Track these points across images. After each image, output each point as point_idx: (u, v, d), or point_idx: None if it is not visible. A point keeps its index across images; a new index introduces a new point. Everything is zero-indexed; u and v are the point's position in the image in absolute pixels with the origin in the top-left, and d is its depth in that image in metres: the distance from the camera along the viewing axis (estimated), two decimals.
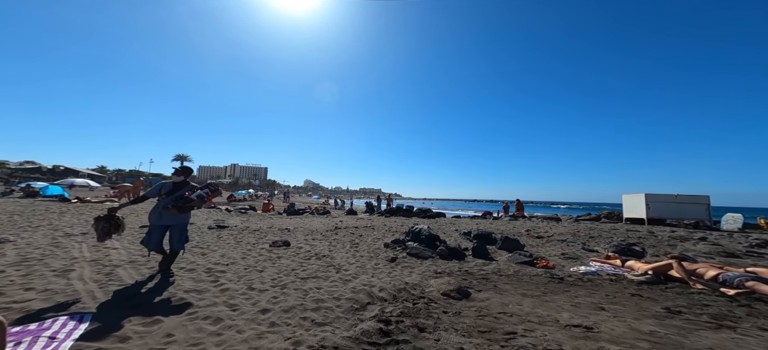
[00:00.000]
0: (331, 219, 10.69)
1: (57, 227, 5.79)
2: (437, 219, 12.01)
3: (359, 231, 7.56)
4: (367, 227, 8.29)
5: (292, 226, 7.95)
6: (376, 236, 6.86)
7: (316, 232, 7.08)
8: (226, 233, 6.22)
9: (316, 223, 9.05)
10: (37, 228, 5.49)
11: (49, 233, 5.09)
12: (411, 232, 6.16)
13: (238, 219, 8.88)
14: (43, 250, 3.90)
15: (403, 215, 12.57)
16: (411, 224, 9.70)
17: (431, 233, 5.84)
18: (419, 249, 5.17)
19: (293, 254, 4.84)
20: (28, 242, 4.26)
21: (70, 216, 7.28)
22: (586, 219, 13.26)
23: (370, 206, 16.92)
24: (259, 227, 7.35)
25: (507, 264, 4.80)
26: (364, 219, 11.11)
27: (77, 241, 4.60)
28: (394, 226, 8.95)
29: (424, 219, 11.78)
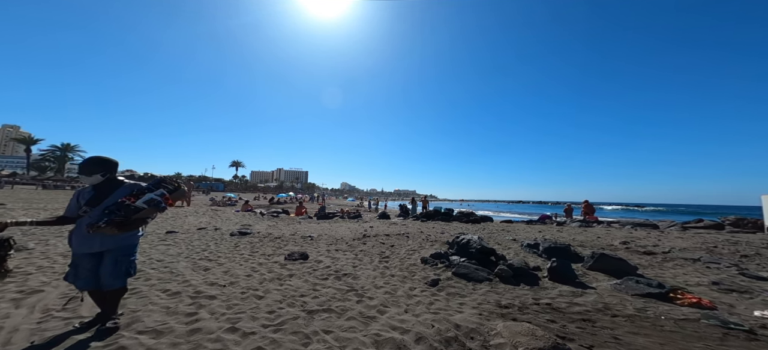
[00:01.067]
0: (361, 225, 9.79)
1: None
2: (484, 225, 10.22)
3: (391, 240, 6.45)
4: (401, 235, 7.13)
5: (316, 233, 7.22)
6: (411, 248, 5.65)
7: (342, 241, 6.18)
8: (246, 241, 5.70)
9: (344, 229, 8.22)
10: None
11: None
12: (456, 243, 4.81)
13: (266, 224, 8.56)
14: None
15: (442, 220, 11.06)
16: (452, 231, 8.23)
17: (484, 246, 4.41)
18: (469, 268, 3.83)
19: (309, 270, 3.94)
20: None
21: None
22: (699, 227, 9.92)
23: (404, 210, 15.71)
24: (282, 233, 6.77)
25: (616, 295, 3.17)
26: (398, 225, 9.96)
27: None
28: (433, 234, 7.61)
29: (467, 225, 10.11)
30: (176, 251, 4.47)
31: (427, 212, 12.78)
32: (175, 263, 3.82)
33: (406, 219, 12.10)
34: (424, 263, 4.50)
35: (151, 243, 4.93)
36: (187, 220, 8.42)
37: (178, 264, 3.78)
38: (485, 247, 4.36)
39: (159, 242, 5.08)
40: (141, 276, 3.22)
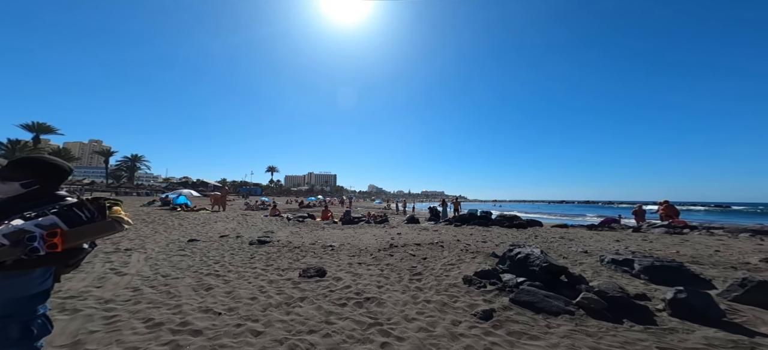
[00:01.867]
0: (388, 231, 8.99)
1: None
2: (535, 232, 8.69)
3: (423, 251, 5.53)
4: (434, 245, 6.16)
5: (339, 241, 6.59)
6: (448, 261, 4.68)
7: (366, 252, 5.43)
8: (264, 251, 5.27)
9: (369, 237, 7.48)
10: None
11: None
12: (508, 258, 3.74)
13: (288, 231, 8.22)
14: None
15: (479, 225, 9.75)
16: (494, 238, 6.99)
17: (552, 263, 3.28)
18: (535, 294, 2.79)
19: (324, 292, 3.24)
20: None
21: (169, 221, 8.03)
22: None
23: (434, 213, 14.55)
24: (302, 242, 6.26)
25: None
26: (429, 231, 8.95)
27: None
28: (472, 243, 6.50)
29: (511, 231, 8.70)
30: (187, 264, 4.13)
31: (461, 215, 11.51)
32: (180, 279, 3.41)
33: (437, 224, 11.00)
34: (467, 283, 3.53)
35: (169, 253, 4.71)
36: (214, 226, 8.46)
37: (182, 281, 3.36)
38: (554, 265, 3.24)
39: (177, 252, 4.85)
40: (135, 296, 2.80)
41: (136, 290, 2.96)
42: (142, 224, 8.13)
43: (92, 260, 4.01)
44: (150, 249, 4.95)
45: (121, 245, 5.14)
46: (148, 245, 5.35)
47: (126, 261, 4.10)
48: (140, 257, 4.32)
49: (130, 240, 5.73)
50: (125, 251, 4.68)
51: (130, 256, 4.43)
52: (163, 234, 6.66)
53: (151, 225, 7.93)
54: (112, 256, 4.33)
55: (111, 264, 3.91)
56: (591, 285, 2.98)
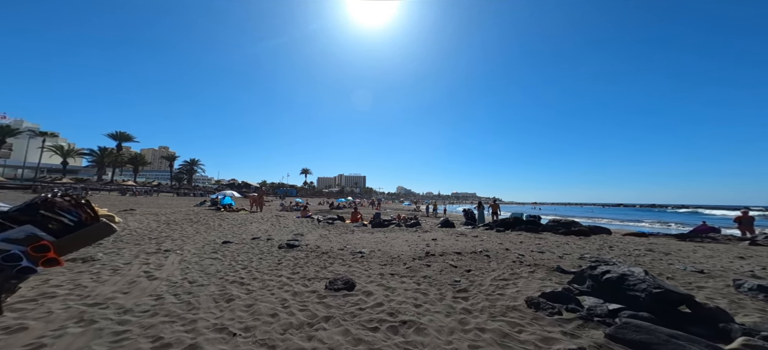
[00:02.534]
0: (421, 235, 8.30)
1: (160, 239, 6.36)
2: (601, 240, 7.24)
3: (465, 261, 4.77)
4: (477, 254, 5.35)
5: (369, 247, 6.12)
6: (500, 276, 3.88)
7: (399, 261, 4.86)
8: (291, 256, 5.03)
9: (401, 242, 6.89)
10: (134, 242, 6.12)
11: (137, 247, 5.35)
12: (589, 276, 2.86)
13: (317, 234, 8.03)
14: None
15: (528, 231, 8.50)
16: (553, 248, 5.86)
17: (667, 289, 2.34)
18: (651, 332, 1.95)
19: (352, 310, 2.77)
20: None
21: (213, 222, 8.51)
22: None
23: (470, 216, 13.39)
24: (331, 247, 5.93)
25: None
26: (467, 236, 8.05)
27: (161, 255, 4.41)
28: (526, 253, 5.52)
29: (569, 238, 7.36)
30: (216, 269, 4.01)
31: (503, 219, 10.25)
32: (204, 288, 3.22)
33: (476, 228, 9.95)
34: (532, 307, 2.76)
35: (202, 256, 4.70)
36: (249, 227, 8.67)
37: (206, 289, 3.16)
38: (672, 291, 2.30)
39: (210, 255, 4.84)
40: (155, 306, 2.63)
41: (158, 298, 2.81)
42: (188, 223, 8.67)
43: (132, 261, 4.12)
44: (187, 251, 5.03)
45: (164, 246, 5.34)
46: (187, 246, 5.49)
47: (161, 263, 4.13)
48: (175, 260, 4.35)
49: (173, 241, 5.99)
50: (165, 252, 4.81)
51: (167, 258, 4.50)
52: (203, 235, 6.92)
53: (195, 225, 8.41)
54: (151, 257, 4.44)
55: (147, 266, 3.96)
56: (744, 325, 2.00)
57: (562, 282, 3.44)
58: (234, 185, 66.78)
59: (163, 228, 7.57)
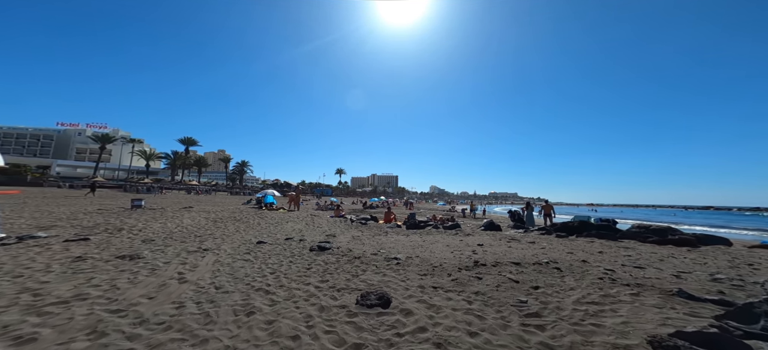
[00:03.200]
0: (463, 239, 7.36)
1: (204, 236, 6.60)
2: (715, 252, 5.45)
3: (527, 274, 3.82)
4: (542, 265, 4.32)
5: (405, 252, 5.49)
6: (586, 297, 2.91)
7: (442, 270, 4.13)
8: (322, 260, 4.67)
9: (441, 247, 6.10)
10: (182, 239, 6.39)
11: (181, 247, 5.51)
12: (765, 313, 1.77)
13: (350, 235, 7.67)
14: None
15: (600, 237, 6.92)
16: (653, 262, 4.43)
17: None
18: None
19: (388, 335, 2.20)
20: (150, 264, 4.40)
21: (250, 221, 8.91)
22: None
23: (517, 218, 11.83)
24: (363, 251, 5.44)
25: None
26: (520, 242, 6.87)
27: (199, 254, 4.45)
28: (616, 268, 4.28)
29: (664, 248, 5.69)
30: (245, 272, 3.81)
31: (566, 224, 8.62)
32: (228, 296, 2.97)
33: (528, 233, 8.57)
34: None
35: (235, 257, 4.62)
36: (285, 227, 8.75)
37: (229, 298, 2.90)
38: None
39: (243, 255, 4.75)
40: (174, 316, 2.39)
41: (179, 306, 2.59)
42: (231, 222, 9.13)
43: (172, 260, 4.17)
44: (223, 251, 5.04)
45: (205, 244, 5.47)
46: (225, 245, 5.56)
47: (197, 264, 4.10)
48: (210, 260, 4.31)
49: (214, 239, 6.17)
50: (203, 252, 4.86)
51: (204, 257, 4.50)
52: (241, 234, 7.08)
53: (237, 224, 8.79)
54: (190, 257, 4.48)
55: (183, 266, 3.94)
56: None
57: (697, 314, 2.35)
58: (276, 185, 72.55)
59: (209, 226, 8.02)
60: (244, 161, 72.64)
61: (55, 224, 7.06)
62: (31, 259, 3.77)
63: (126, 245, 5.09)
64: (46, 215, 8.64)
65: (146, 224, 7.66)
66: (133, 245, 5.12)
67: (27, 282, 2.94)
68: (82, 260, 3.86)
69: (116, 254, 4.25)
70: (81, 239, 5.21)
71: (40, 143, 72.19)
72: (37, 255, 4.01)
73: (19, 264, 3.53)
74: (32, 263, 3.63)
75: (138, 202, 13.04)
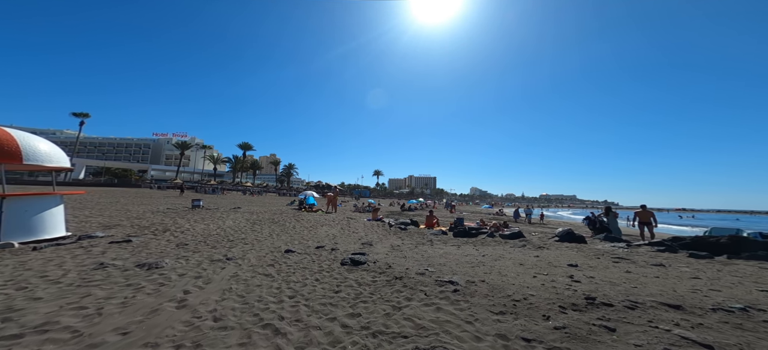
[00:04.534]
0: (539, 255, 5.62)
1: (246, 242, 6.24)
2: None
3: (711, 332, 2.18)
4: (729, 314, 2.56)
5: (461, 272, 4.15)
6: None
7: (530, 307, 2.73)
8: (355, 279, 3.69)
9: (512, 266, 4.56)
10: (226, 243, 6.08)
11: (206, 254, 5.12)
12: None
13: (389, 244, 6.59)
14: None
15: (754, 258, 4.49)
16: None
17: None
18: None
19: None
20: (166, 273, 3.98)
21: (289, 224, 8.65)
22: None
23: (599, 226, 9.31)
24: (406, 267, 4.28)
25: None
26: (637, 264, 4.86)
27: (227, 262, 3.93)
28: None
29: None
30: (258, 295, 3.04)
31: (700, 239, 5.91)
32: (221, 337, 2.14)
33: (632, 248, 6.30)
34: None
35: (256, 271, 3.95)
36: (319, 231, 8.15)
37: (221, 341, 2.06)
38: None
39: (266, 269, 4.06)
40: None
41: (154, 348, 1.82)
42: (269, 224, 8.95)
43: (187, 272, 3.66)
44: (247, 261, 4.46)
45: (232, 251, 5.02)
46: (251, 253, 5.03)
47: (211, 278, 3.51)
48: (228, 274, 3.70)
49: (245, 244, 5.77)
50: (226, 261, 4.33)
51: (224, 269, 3.93)
52: (273, 239, 6.62)
53: (272, 226, 8.54)
54: (210, 268, 3.95)
55: (196, 281, 3.37)
56: None
57: None
58: (318, 187, 76.50)
59: (246, 228, 7.87)
60: (290, 164, 78.55)
61: (120, 222, 7.66)
62: (58, 265, 3.61)
63: (160, 249, 4.92)
64: (122, 213, 9.69)
65: (193, 225, 7.84)
66: (166, 249, 4.92)
67: (16, 300, 2.57)
68: (103, 268, 3.59)
69: (141, 262, 3.95)
70: (125, 241, 5.24)
71: (142, 151, 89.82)
72: (69, 259, 3.92)
73: (37, 272, 3.34)
74: (54, 269, 3.43)
75: (197, 202, 14.25)
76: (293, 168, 77.94)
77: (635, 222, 9.28)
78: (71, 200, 13.13)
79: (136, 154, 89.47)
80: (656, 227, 9.03)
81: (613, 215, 9.47)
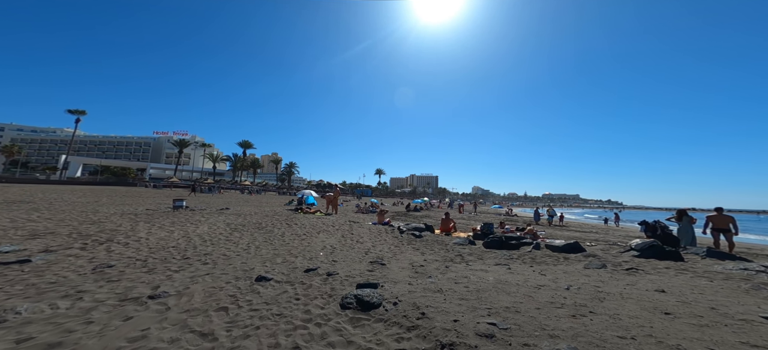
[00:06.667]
0: (633, 280, 3.84)
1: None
2: None
3: None
4: None
5: (575, 341, 2.38)
6: None
7: None
8: (369, 339, 1.97)
9: (662, 325, 2.80)
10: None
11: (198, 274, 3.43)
12: None
13: (406, 260, 4.81)
14: None
15: None
16: None
17: None
18: None
19: None
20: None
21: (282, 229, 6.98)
22: None
23: (664, 234, 7.50)
24: (452, 316, 2.53)
25: None
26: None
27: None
28: None
29: None
30: None
31: None
32: None
33: (751, 266, 4.50)
34: None
35: (198, 313, 2.27)
36: (314, 241, 6.44)
37: None
38: None
39: (219, 308, 2.36)
40: None
41: None
42: (253, 230, 7.25)
43: (42, 331, 1.96)
44: (186, 299, 2.77)
45: (176, 277, 3.33)
46: (203, 281, 3.34)
47: (111, 326, 1.80)
48: (125, 334, 2.00)
49: (204, 264, 4.08)
50: (146, 301, 2.63)
51: (130, 319, 2.23)
52: (249, 254, 4.94)
53: (255, 234, 6.84)
54: (105, 316, 2.25)
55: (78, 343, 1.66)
56: None
57: None
58: (319, 186, 74.76)
59: (221, 237, 6.19)
60: (291, 162, 76.90)
61: (57, 230, 5.96)
62: None
63: (58, 276, 3.24)
64: (82, 216, 8.05)
65: (153, 232, 6.17)
66: (67, 277, 3.24)
67: None
68: None
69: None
70: (20, 262, 3.56)
71: (142, 149, 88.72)
72: None
73: None
74: None
75: (179, 203, 12.63)
76: (294, 167, 76.33)
77: (708, 229, 7.47)
78: (24, 201, 11.55)
79: (137, 152, 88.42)
80: (736, 235, 7.23)
81: (689, 221, 7.63)
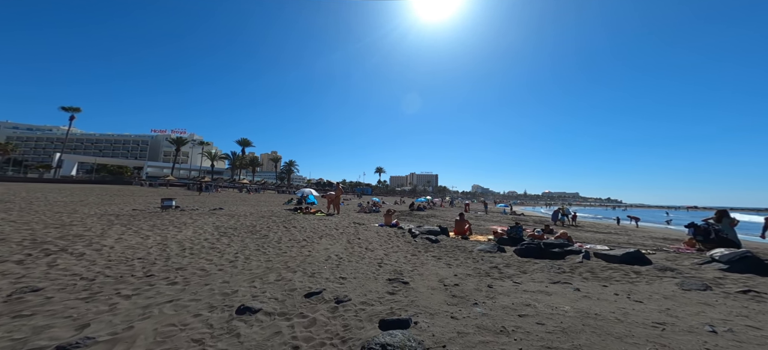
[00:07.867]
0: (750, 311, 2.87)
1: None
2: None
3: None
4: None
5: None
6: None
7: None
8: None
9: None
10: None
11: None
12: None
13: (435, 277, 3.75)
14: None
15: None
16: None
17: None
18: None
19: None
20: None
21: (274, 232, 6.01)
22: None
23: (717, 238, 6.59)
24: None
25: None
26: None
27: None
28: None
29: None
30: None
31: None
32: None
33: None
34: None
35: None
36: (316, 247, 5.47)
37: None
38: None
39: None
40: None
41: None
42: (244, 235, 6.28)
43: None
44: (145, 336, 1.80)
45: (123, 306, 2.37)
46: (163, 313, 2.38)
47: None
48: None
49: (172, 283, 3.11)
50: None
51: None
52: (235, 268, 3.97)
53: (248, 238, 5.88)
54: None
55: None
56: None
57: None
58: (320, 184, 73.61)
59: (207, 243, 5.23)
60: (291, 161, 75.68)
61: (9, 236, 5.00)
62: None
63: None
64: (56, 218, 7.07)
65: (125, 238, 5.21)
66: None
67: None
68: None
69: None
70: None
71: (139, 147, 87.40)
72: None
73: None
74: None
75: (168, 202, 11.70)
76: (294, 165, 75.11)
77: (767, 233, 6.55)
78: (2, 201, 10.57)
79: (134, 150, 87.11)
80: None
81: (730, 223, 6.72)
